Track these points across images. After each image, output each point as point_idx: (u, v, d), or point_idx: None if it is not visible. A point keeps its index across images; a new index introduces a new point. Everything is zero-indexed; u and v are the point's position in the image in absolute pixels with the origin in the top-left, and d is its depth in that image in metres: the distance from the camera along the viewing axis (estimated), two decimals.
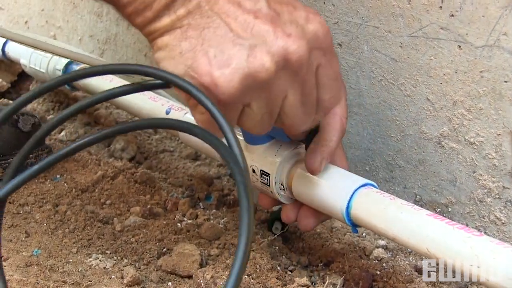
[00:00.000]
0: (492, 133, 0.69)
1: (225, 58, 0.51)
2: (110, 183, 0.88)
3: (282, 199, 0.70)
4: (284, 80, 0.54)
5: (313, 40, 0.54)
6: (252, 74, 0.52)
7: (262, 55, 0.51)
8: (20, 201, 0.81)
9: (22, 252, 0.71)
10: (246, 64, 0.51)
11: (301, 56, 0.52)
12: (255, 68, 0.51)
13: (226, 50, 0.51)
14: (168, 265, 0.70)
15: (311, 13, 0.54)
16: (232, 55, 0.51)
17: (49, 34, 1.37)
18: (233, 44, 0.51)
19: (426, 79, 0.73)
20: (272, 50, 0.52)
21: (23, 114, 0.91)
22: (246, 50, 0.51)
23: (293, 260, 0.75)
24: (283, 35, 0.52)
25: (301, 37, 0.53)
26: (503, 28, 0.65)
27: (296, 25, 0.53)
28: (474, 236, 0.54)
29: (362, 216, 0.62)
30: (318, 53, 0.55)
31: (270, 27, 0.52)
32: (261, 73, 0.52)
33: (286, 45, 0.52)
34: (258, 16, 0.52)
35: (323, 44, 0.55)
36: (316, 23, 0.54)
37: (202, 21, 0.52)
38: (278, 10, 0.53)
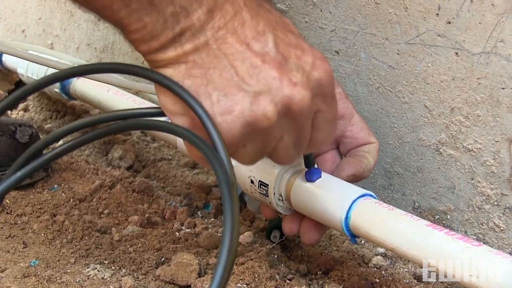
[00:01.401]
0: (490, 140, 0.69)
1: (228, 104, 0.51)
2: (108, 193, 0.87)
3: (280, 210, 0.70)
4: (283, 125, 0.53)
5: (316, 88, 0.53)
6: (254, 122, 0.51)
7: (265, 104, 0.51)
8: (17, 211, 0.81)
9: (20, 263, 0.71)
10: (249, 112, 0.51)
11: (304, 105, 0.52)
12: (257, 117, 0.51)
13: (230, 95, 0.51)
14: (166, 274, 0.70)
15: (317, 59, 0.53)
16: (235, 101, 0.51)
17: (46, 42, 1.37)
18: (237, 89, 0.51)
19: (424, 86, 0.73)
20: (276, 99, 0.51)
21: (21, 125, 0.91)
22: (250, 97, 0.51)
23: (292, 268, 0.74)
24: (289, 84, 0.51)
25: (305, 86, 0.52)
26: (500, 35, 0.65)
27: (303, 72, 0.52)
28: (473, 246, 0.54)
29: (361, 226, 0.62)
30: (319, 99, 0.54)
31: (277, 74, 0.51)
32: (262, 121, 0.51)
33: (291, 94, 0.51)
34: (265, 60, 0.51)
35: (325, 91, 0.54)
36: (321, 70, 0.53)
37: (208, 60, 0.50)
38: (286, 55, 0.52)
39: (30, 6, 1.40)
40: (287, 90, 0.51)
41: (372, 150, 0.70)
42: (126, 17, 0.49)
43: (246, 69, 0.51)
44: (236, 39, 0.51)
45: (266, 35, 0.51)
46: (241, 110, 0.51)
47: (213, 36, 0.50)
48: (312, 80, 0.53)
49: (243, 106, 0.51)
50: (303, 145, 0.57)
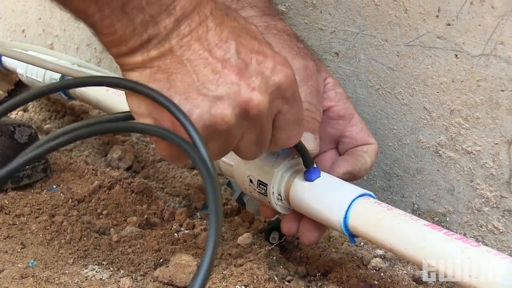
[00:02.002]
0: (490, 142, 0.68)
1: (188, 107, 0.53)
2: (107, 193, 0.87)
3: (279, 209, 0.70)
4: (242, 126, 0.56)
5: (275, 92, 0.56)
6: (212, 125, 0.53)
7: (224, 108, 0.53)
8: (16, 211, 0.81)
9: (18, 263, 0.71)
10: (208, 116, 0.53)
11: (261, 109, 0.54)
12: (216, 120, 0.53)
13: (191, 99, 0.53)
14: (165, 276, 0.70)
15: (278, 64, 0.56)
16: (195, 105, 0.53)
17: (46, 42, 1.37)
18: (198, 93, 0.53)
19: (423, 88, 0.73)
20: (234, 103, 0.53)
21: (20, 126, 0.91)
22: (209, 101, 0.53)
23: (291, 270, 0.74)
24: (247, 89, 0.53)
25: (263, 91, 0.54)
26: (500, 37, 0.65)
27: (262, 77, 0.54)
28: (472, 247, 0.53)
29: (360, 226, 0.62)
30: (279, 102, 0.57)
31: (236, 79, 0.53)
32: (221, 124, 0.54)
33: (248, 99, 0.54)
34: (226, 66, 0.53)
35: (285, 94, 0.57)
36: (281, 75, 0.56)
37: (172, 66, 0.53)
38: (247, 61, 0.54)
39: (30, 6, 1.40)
40: (245, 94, 0.53)
41: (370, 150, 0.71)
42: (99, 22, 0.51)
43: (207, 74, 0.53)
44: (199, 45, 0.53)
45: (229, 42, 0.54)
46: (200, 113, 0.53)
47: (178, 44, 0.52)
48: (271, 85, 0.55)
49: (202, 109, 0.53)
50: (265, 143, 0.59)
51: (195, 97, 0.53)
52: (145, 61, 0.53)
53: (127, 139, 1.11)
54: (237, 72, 0.53)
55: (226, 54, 0.53)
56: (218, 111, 0.53)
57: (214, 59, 0.53)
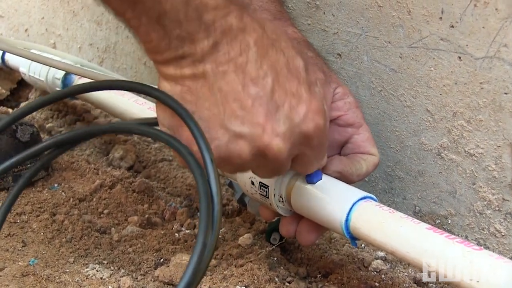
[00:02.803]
0: (492, 144, 0.68)
1: (208, 137, 0.52)
2: (108, 192, 0.87)
3: (281, 211, 0.70)
4: (258, 162, 0.55)
5: (300, 140, 0.54)
6: (228, 158, 0.53)
7: (242, 146, 0.52)
8: (17, 210, 0.81)
9: (19, 261, 0.71)
10: (224, 149, 0.52)
11: (279, 155, 0.53)
12: (231, 155, 0.53)
13: (212, 130, 0.52)
14: (165, 275, 0.69)
15: (311, 112, 0.54)
16: (215, 137, 0.52)
17: (49, 42, 1.37)
18: (220, 126, 0.52)
19: (426, 90, 0.73)
20: (253, 145, 0.52)
21: (22, 124, 0.91)
22: (229, 136, 0.52)
23: (292, 271, 0.74)
24: (271, 134, 0.52)
25: (287, 139, 0.53)
26: (503, 40, 0.65)
27: (290, 124, 0.53)
28: (474, 251, 0.53)
29: (361, 229, 0.61)
30: (303, 147, 0.56)
31: (262, 121, 0.52)
32: (235, 159, 0.53)
33: (269, 144, 0.52)
34: (255, 105, 0.51)
35: (311, 143, 0.56)
36: (311, 125, 0.54)
37: (202, 91, 0.51)
38: (279, 103, 0.52)
39: (33, 5, 1.40)
40: (267, 139, 0.52)
41: (369, 160, 0.70)
42: (135, 27, 0.50)
43: (235, 109, 0.51)
44: (235, 77, 0.51)
45: (266, 79, 0.52)
46: (217, 145, 0.52)
47: (213, 70, 0.51)
48: (297, 133, 0.54)
49: (220, 142, 0.52)
50: (282, 172, 0.59)
51: (217, 129, 0.52)
52: (177, 76, 0.52)
53: (129, 139, 1.11)
54: (265, 114, 0.52)
55: (260, 92, 0.51)
56: (237, 148, 0.52)
57: (246, 95, 0.51)
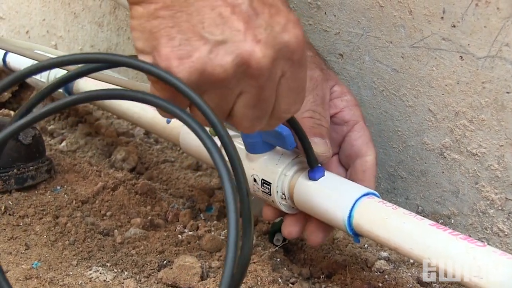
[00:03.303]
0: (495, 144, 0.68)
1: (188, 49, 0.50)
2: (111, 194, 0.87)
3: (283, 208, 0.70)
4: (241, 81, 0.52)
5: (282, 51, 0.52)
6: (209, 71, 0.51)
7: (224, 55, 0.51)
8: (20, 213, 0.81)
9: (22, 264, 0.71)
10: (206, 60, 0.50)
11: (263, 64, 0.51)
12: (213, 66, 0.51)
13: (192, 41, 0.50)
14: (168, 277, 0.69)
15: (291, 22, 0.52)
16: (195, 48, 0.50)
17: (50, 43, 1.37)
18: (200, 36, 0.50)
19: (428, 90, 0.73)
20: (236, 52, 0.51)
21: None
22: (210, 46, 0.50)
23: (295, 272, 0.74)
24: (252, 40, 0.51)
25: (269, 46, 0.51)
26: (505, 39, 0.65)
27: (270, 31, 0.51)
28: (477, 247, 0.53)
29: (364, 225, 0.61)
30: (284, 63, 0.53)
31: (243, 27, 0.50)
32: (218, 72, 0.51)
33: (251, 50, 0.51)
34: (235, 11, 0.50)
35: (292, 56, 0.53)
36: (291, 34, 0.52)
37: (178, 3, 0.50)
38: (258, 10, 0.51)
39: (34, 7, 1.40)
40: (249, 45, 0.51)
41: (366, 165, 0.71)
42: None
43: (214, 17, 0.50)
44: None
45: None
46: (198, 56, 0.50)
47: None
48: (278, 42, 0.52)
49: (201, 53, 0.50)
50: (264, 110, 0.56)
51: (197, 39, 0.50)
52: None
53: (131, 140, 1.11)
54: (245, 20, 0.50)
55: (237, 0, 0.50)
56: (218, 57, 0.50)
57: (224, 2, 0.50)
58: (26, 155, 0.88)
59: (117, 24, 1.21)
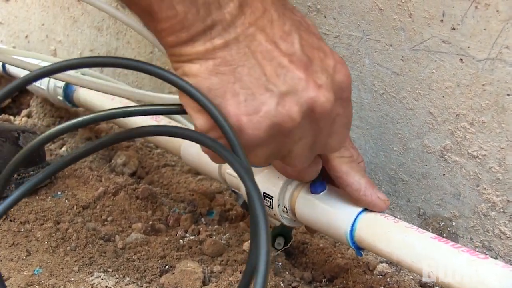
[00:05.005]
0: (496, 146, 0.68)
1: (256, 104, 0.50)
2: (112, 200, 0.87)
3: (285, 222, 0.70)
4: (304, 127, 0.53)
5: (338, 92, 0.53)
6: (279, 122, 0.51)
7: (291, 105, 0.51)
8: (21, 219, 0.81)
9: (23, 271, 0.70)
10: (275, 113, 0.50)
11: (326, 108, 0.52)
12: (283, 118, 0.51)
13: (257, 95, 0.50)
14: (170, 283, 0.69)
15: (338, 63, 0.53)
16: (262, 102, 0.50)
17: (50, 48, 1.37)
18: (265, 89, 0.50)
19: (428, 93, 0.73)
20: (302, 101, 0.51)
21: (24, 132, 0.91)
22: (276, 98, 0.50)
23: (297, 276, 0.74)
24: (314, 86, 0.51)
25: (330, 89, 0.52)
26: (505, 41, 0.65)
27: (327, 74, 0.52)
28: (479, 259, 0.53)
29: (366, 239, 0.62)
30: (339, 103, 0.54)
31: (303, 75, 0.51)
32: (287, 122, 0.51)
33: (316, 96, 0.51)
34: (292, 60, 0.51)
35: (343, 95, 0.54)
36: (342, 74, 0.53)
37: (237, 57, 0.50)
38: (310, 56, 0.52)
39: (34, 12, 1.40)
40: (313, 92, 0.51)
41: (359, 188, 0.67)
42: (157, 3, 0.47)
43: (274, 68, 0.50)
44: (265, 37, 0.50)
45: (293, 35, 0.51)
46: (267, 110, 0.50)
47: (243, 33, 0.49)
48: (335, 84, 0.53)
49: (269, 106, 0.50)
50: (318, 148, 0.57)
51: (262, 93, 0.50)
52: (208, 50, 0.49)
53: (131, 145, 1.11)
54: (303, 67, 0.51)
55: (291, 48, 0.51)
56: (286, 108, 0.51)
57: (280, 52, 0.50)
58: (26, 160, 0.88)
59: (117, 28, 1.20)
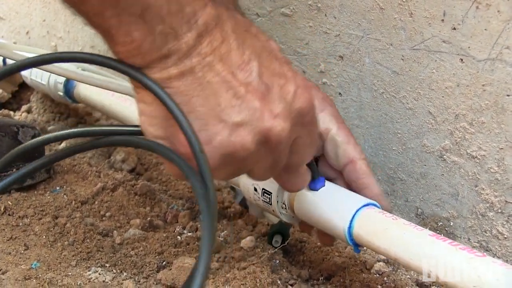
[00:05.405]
0: (495, 147, 0.68)
1: (209, 134, 0.50)
2: (110, 195, 0.87)
3: (284, 218, 0.70)
4: (260, 153, 0.53)
5: (297, 118, 0.53)
6: (232, 152, 0.51)
7: (244, 135, 0.51)
8: (19, 213, 0.81)
9: (21, 265, 0.70)
10: (227, 143, 0.51)
11: (282, 137, 0.52)
12: (235, 147, 0.51)
13: (211, 126, 0.50)
14: (167, 278, 0.69)
15: (299, 88, 0.53)
16: (215, 132, 0.50)
17: (50, 44, 1.37)
18: (218, 120, 0.50)
19: (428, 92, 0.73)
20: (256, 131, 0.51)
21: (23, 126, 0.91)
22: (229, 128, 0.51)
23: (294, 273, 0.74)
24: (270, 115, 0.51)
25: (286, 117, 0.52)
26: (506, 42, 0.65)
27: (285, 102, 0.52)
28: (477, 257, 0.53)
29: (364, 236, 0.62)
30: (299, 127, 0.54)
31: (259, 105, 0.51)
32: (239, 151, 0.51)
33: (271, 126, 0.51)
34: (249, 90, 0.50)
35: (305, 119, 0.54)
36: (302, 100, 0.53)
37: (192, 88, 0.50)
38: (269, 84, 0.52)
39: (35, 8, 1.40)
40: (268, 121, 0.51)
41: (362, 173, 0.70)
42: (115, 28, 0.47)
43: (229, 98, 0.50)
44: (222, 66, 0.50)
45: (251, 64, 0.51)
46: (220, 140, 0.51)
47: (200, 63, 0.49)
48: (293, 111, 0.53)
49: (222, 137, 0.51)
50: (279, 168, 0.57)
51: (215, 123, 0.50)
52: (163, 79, 0.49)
53: None
54: (260, 97, 0.51)
55: (249, 77, 0.50)
56: (238, 139, 0.51)
57: (237, 82, 0.50)
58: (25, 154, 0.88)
59: None
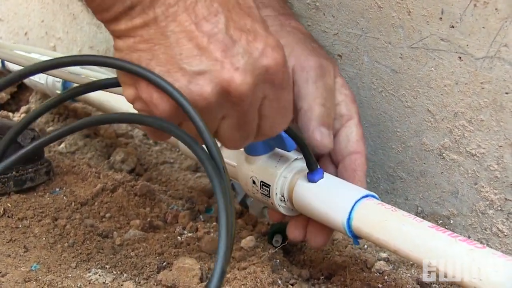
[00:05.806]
0: (494, 144, 0.68)
1: (169, 81, 0.52)
2: (110, 196, 0.87)
3: (282, 211, 0.70)
4: (222, 107, 0.54)
5: (261, 75, 0.53)
6: (191, 101, 0.52)
7: (203, 84, 0.52)
8: (19, 215, 0.81)
9: (21, 267, 0.70)
10: (186, 90, 0.52)
11: (243, 91, 0.52)
12: (194, 96, 0.52)
13: (171, 72, 0.52)
14: (168, 279, 0.69)
15: (269, 47, 0.53)
16: (175, 79, 0.52)
17: (49, 45, 1.37)
18: (178, 67, 0.51)
19: (427, 91, 0.73)
20: (215, 81, 0.52)
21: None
22: (189, 77, 0.52)
23: (294, 273, 0.74)
24: (230, 68, 0.52)
25: (248, 72, 0.52)
26: (504, 40, 0.65)
27: (248, 57, 0.52)
28: (477, 249, 0.53)
29: (364, 228, 0.61)
30: (266, 87, 0.55)
31: (220, 56, 0.51)
32: (199, 101, 0.52)
33: (230, 78, 0.52)
34: (212, 41, 0.51)
35: (273, 79, 0.54)
36: (270, 59, 0.53)
37: (155, 36, 0.51)
38: (235, 38, 0.52)
39: (33, 8, 1.40)
40: (227, 73, 0.52)
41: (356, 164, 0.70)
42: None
43: (191, 48, 0.51)
44: (186, 17, 0.51)
45: (218, 16, 0.52)
46: (178, 87, 0.52)
47: (163, 13, 0.51)
48: (257, 67, 0.53)
49: (181, 84, 0.52)
50: (248, 131, 0.57)
51: (176, 71, 0.52)
52: (129, 29, 0.52)
53: (130, 142, 1.11)
54: (222, 49, 0.51)
55: (214, 29, 0.51)
56: (197, 87, 0.52)
57: (200, 33, 0.51)
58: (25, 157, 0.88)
59: None
